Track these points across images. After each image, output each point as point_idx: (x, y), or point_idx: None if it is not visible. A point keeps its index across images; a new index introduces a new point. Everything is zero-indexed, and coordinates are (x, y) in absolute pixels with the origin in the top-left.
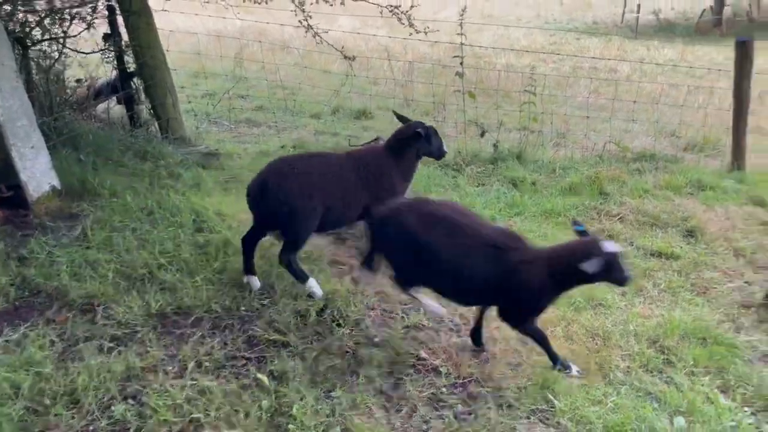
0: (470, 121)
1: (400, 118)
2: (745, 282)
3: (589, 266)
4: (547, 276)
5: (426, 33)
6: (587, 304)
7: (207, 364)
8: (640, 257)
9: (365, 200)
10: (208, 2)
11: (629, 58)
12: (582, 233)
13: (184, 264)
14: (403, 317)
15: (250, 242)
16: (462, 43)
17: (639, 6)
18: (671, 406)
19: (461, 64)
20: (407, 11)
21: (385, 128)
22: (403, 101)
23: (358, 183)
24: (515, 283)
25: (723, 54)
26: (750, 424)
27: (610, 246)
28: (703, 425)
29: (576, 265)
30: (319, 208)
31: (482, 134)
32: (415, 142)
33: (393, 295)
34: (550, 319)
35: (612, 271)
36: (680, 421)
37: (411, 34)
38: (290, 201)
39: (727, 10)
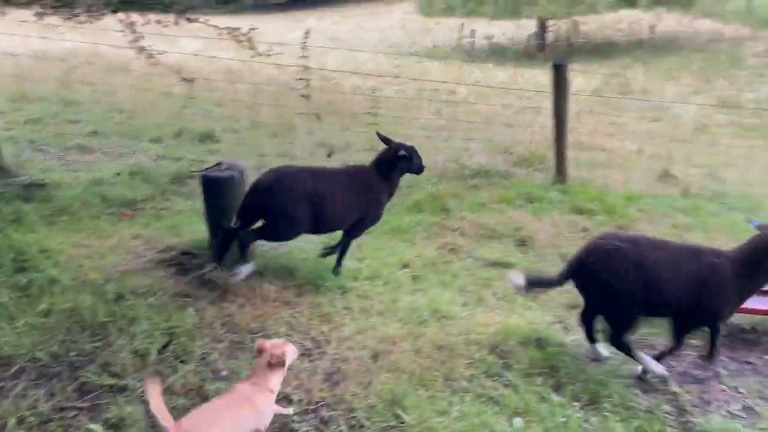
0: (318, 142)
1: (383, 139)
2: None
3: None
4: (738, 276)
5: (270, 55)
6: (432, 318)
7: (31, 419)
8: (479, 268)
9: (356, 212)
10: (25, 21)
11: (466, 80)
12: (760, 227)
13: (3, 308)
14: (252, 347)
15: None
16: (306, 66)
17: (474, 31)
18: (510, 408)
19: (307, 86)
20: (247, 33)
21: (232, 150)
22: (249, 124)
23: (352, 197)
24: (717, 287)
25: (548, 76)
26: (579, 417)
27: None
28: (538, 424)
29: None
30: (308, 215)
31: (329, 155)
32: (399, 162)
33: (242, 324)
34: (397, 334)
35: None
36: (518, 421)
37: (253, 56)
38: (290, 203)
39: (549, 36)
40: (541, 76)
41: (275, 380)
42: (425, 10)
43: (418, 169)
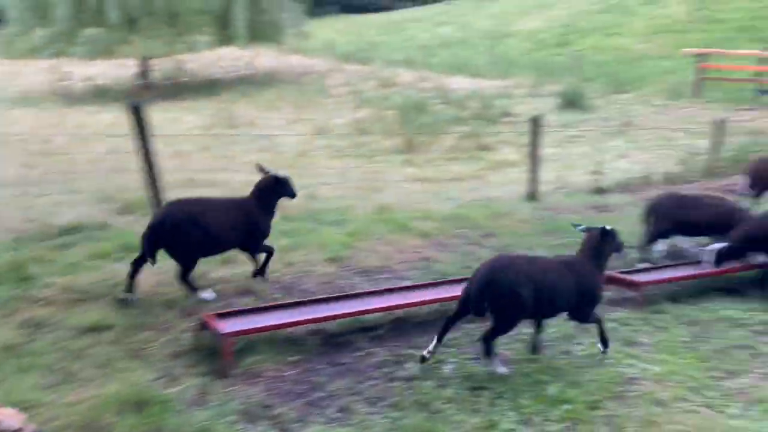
0: None
1: (261, 169)
2: (180, 331)
3: (612, 234)
4: (596, 268)
5: None
6: None
7: None
8: (71, 339)
9: (241, 236)
10: None
11: (66, 126)
12: (587, 230)
13: None
14: None
15: (139, 264)
16: None
17: (71, 73)
18: None
19: None
20: None
21: None
22: None
23: (237, 222)
24: (588, 284)
25: (162, 116)
26: None
27: (607, 227)
28: None
29: (606, 240)
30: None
31: None
32: (277, 188)
33: None
34: None
35: (614, 241)
36: None
37: None
38: (188, 233)
39: (154, 75)
40: (155, 116)
41: None
42: (5, 52)
43: (292, 194)
